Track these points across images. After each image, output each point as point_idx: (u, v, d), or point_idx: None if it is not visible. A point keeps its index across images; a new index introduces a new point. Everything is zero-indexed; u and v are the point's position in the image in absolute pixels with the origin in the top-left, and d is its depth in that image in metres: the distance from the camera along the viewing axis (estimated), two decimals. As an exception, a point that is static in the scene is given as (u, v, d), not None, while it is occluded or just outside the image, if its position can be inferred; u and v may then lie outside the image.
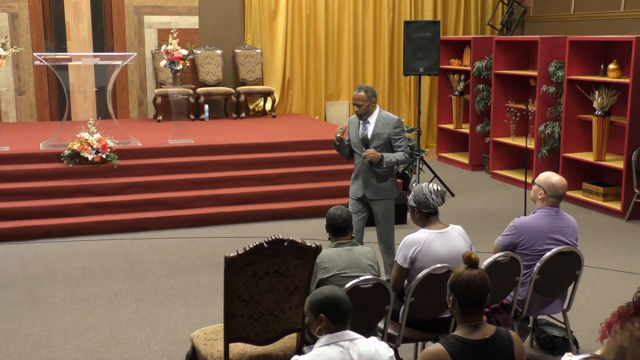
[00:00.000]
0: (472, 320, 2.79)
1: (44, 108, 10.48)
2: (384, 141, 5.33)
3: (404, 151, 5.36)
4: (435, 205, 3.98)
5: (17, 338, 4.82)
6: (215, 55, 10.93)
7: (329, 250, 3.84)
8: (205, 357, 3.66)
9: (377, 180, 5.40)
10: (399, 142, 5.35)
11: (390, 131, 5.32)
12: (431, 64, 8.84)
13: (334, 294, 2.83)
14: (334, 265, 3.76)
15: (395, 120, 5.37)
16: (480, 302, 2.78)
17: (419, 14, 11.98)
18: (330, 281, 3.71)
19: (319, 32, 11.50)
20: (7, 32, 10.03)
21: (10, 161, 7.74)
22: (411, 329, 3.93)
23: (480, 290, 2.77)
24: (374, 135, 5.33)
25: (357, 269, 3.77)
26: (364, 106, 5.32)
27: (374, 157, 5.27)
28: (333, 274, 3.74)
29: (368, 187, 5.43)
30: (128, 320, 5.10)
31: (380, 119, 5.36)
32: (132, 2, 10.63)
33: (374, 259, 3.91)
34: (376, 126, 5.35)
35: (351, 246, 3.88)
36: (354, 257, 3.82)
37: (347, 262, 3.79)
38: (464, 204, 8.46)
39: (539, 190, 4.28)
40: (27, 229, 7.04)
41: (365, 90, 5.33)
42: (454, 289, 2.80)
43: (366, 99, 5.31)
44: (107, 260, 6.44)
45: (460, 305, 2.79)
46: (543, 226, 4.16)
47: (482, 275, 2.80)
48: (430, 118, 12.16)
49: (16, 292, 5.65)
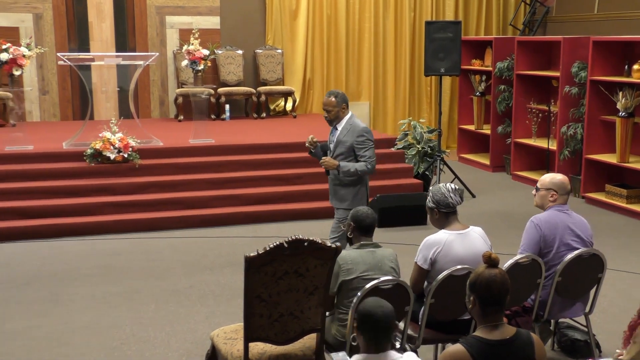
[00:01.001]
0: (492, 320, 2.77)
1: (67, 107, 10.57)
2: (346, 149, 5.17)
3: (367, 162, 5.16)
4: (454, 204, 3.95)
5: (39, 335, 4.86)
6: (236, 55, 10.96)
7: (353, 252, 3.79)
8: (225, 357, 3.67)
9: (340, 188, 5.28)
10: (363, 152, 5.16)
11: (353, 139, 5.15)
12: (452, 65, 8.80)
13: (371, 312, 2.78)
14: (357, 267, 3.71)
15: (360, 129, 5.18)
16: (500, 301, 2.76)
17: (440, 14, 11.93)
18: (352, 283, 3.68)
19: (339, 32, 11.50)
20: (32, 32, 10.14)
21: (33, 160, 7.81)
22: (431, 330, 3.91)
23: (500, 290, 2.75)
24: (337, 143, 5.20)
25: (380, 272, 3.72)
26: (333, 112, 5.21)
27: (328, 164, 5.17)
28: (355, 277, 3.70)
29: (333, 195, 5.36)
30: (148, 319, 5.13)
31: (347, 126, 5.21)
32: (154, 2, 10.70)
33: (396, 261, 3.88)
34: (341, 133, 5.22)
35: (374, 248, 3.83)
36: (377, 260, 3.78)
37: (370, 264, 3.74)
38: (485, 205, 8.40)
39: (548, 193, 4.24)
40: (49, 227, 7.10)
41: (336, 96, 5.21)
42: (474, 289, 2.78)
43: (335, 104, 5.19)
44: (127, 259, 6.48)
45: (480, 305, 2.76)
46: (560, 221, 4.13)
47: (502, 275, 2.78)
48: (451, 119, 12.11)
49: (38, 289, 5.70)
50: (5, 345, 4.70)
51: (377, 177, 8.45)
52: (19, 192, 7.39)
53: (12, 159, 7.77)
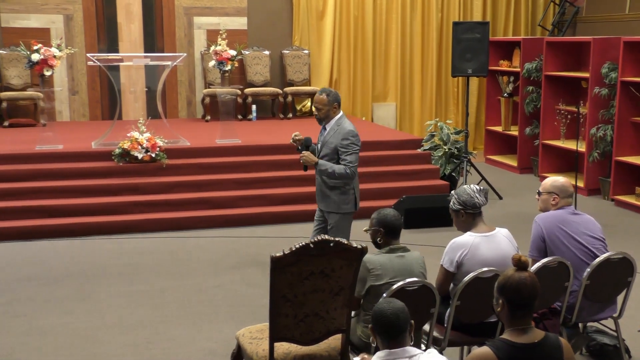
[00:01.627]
0: (521, 324, 2.74)
1: (96, 107, 10.69)
2: (330, 150, 4.97)
3: (347, 166, 4.92)
4: (480, 204, 3.92)
5: (67, 332, 4.92)
6: (263, 55, 11.00)
7: (382, 256, 3.73)
8: (251, 356, 3.68)
9: (327, 190, 5.07)
10: (344, 156, 4.93)
11: (338, 141, 4.94)
12: (479, 65, 8.74)
13: (382, 311, 2.81)
14: (386, 272, 3.66)
15: (346, 131, 4.96)
16: (529, 305, 2.73)
17: (468, 14, 11.86)
18: (381, 289, 3.62)
19: (366, 32, 11.48)
20: (62, 33, 10.27)
21: (63, 159, 7.91)
22: (457, 333, 3.88)
23: (530, 293, 2.72)
24: (323, 143, 5.02)
25: (410, 277, 3.66)
26: (323, 110, 4.99)
27: (307, 159, 4.97)
28: (384, 282, 3.64)
29: (319, 196, 5.17)
30: (174, 318, 5.16)
31: (334, 127, 5.00)
32: (182, 3, 10.78)
33: (424, 265, 3.83)
34: (328, 134, 5.02)
35: (403, 252, 3.77)
36: (407, 264, 3.73)
37: (399, 269, 3.69)
38: (511, 207, 8.33)
39: (550, 197, 4.22)
40: (78, 225, 7.18)
41: (328, 94, 4.99)
42: (503, 292, 2.75)
43: (327, 102, 4.97)
44: (154, 258, 6.53)
45: (509, 308, 2.74)
46: (562, 218, 4.11)
47: (532, 278, 2.75)
48: (478, 120, 12.03)
49: (67, 287, 5.77)
50: (34, 342, 4.76)
51: (403, 178, 8.45)
52: (49, 191, 7.49)
53: (43, 158, 7.87)
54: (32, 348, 4.68)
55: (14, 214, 7.20)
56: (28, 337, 4.84)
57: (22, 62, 9.65)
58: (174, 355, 4.61)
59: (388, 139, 9.12)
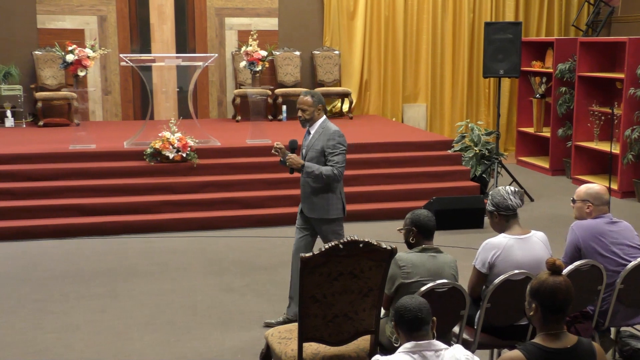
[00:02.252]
0: (553, 328, 2.70)
1: (129, 107, 10.81)
2: (317, 153, 4.77)
3: (335, 167, 4.74)
4: (514, 207, 3.88)
5: (99, 329, 4.98)
6: (293, 56, 11.03)
7: (413, 255, 3.72)
8: (279, 356, 3.69)
9: (312, 195, 4.86)
10: (331, 157, 4.75)
11: (325, 143, 4.76)
12: (511, 66, 8.66)
13: (404, 305, 2.83)
14: (416, 271, 3.65)
15: (332, 132, 4.78)
16: (563, 309, 2.69)
17: (500, 15, 11.76)
18: (411, 287, 3.61)
19: (397, 33, 11.44)
20: (96, 34, 10.40)
21: (95, 158, 8.00)
22: (487, 335, 3.85)
23: (565, 298, 2.68)
24: (309, 147, 4.82)
25: (439, 278, 3.64)
26: (308, 112, 4.81)
27: (292, 162, 4.76)
28: (414, 281, 3.63)
29: (305, 202, 4.93)
30: (203, 317, 5.20)
31: (319, 129, 4.82)
32: (213, 4, 10.85)
33: (456, 268, 3.81)
34: (313, 137, 4.83)
35: (435, 253, 3.76)
36: (438, 265, 3.71)
37: (430, 269, 3.67)
38: (544, 209, 8.24)
39: (584, 205, 4.14)
40: (109, 224, 7.27)
41: (312, 95, 4.84)
42: (536, 296, 2.71)
43: (312, 104, 4.81)
44: (184, 257, 6.58)
45: (542, 313, 2.70)
46: (599, 228, 4.02)
47: (567, 283, 2.71)
48: (509, 121, 11.92)
49: (98, 285, 5.84)
50: (67, 338, 4.83)
51: (433, 179, 8.41)
52: (82, 190, 7.59)
53: (76, 157, 7.98)
54: (65, 344, 4.74)
55: (48, 213, 7.30)
56: (61, 333, 4.91)
57: (57, 63, 9.80)
58: (203, 354, 4.64)
59: (418, 140, 9.08)
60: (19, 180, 7.58)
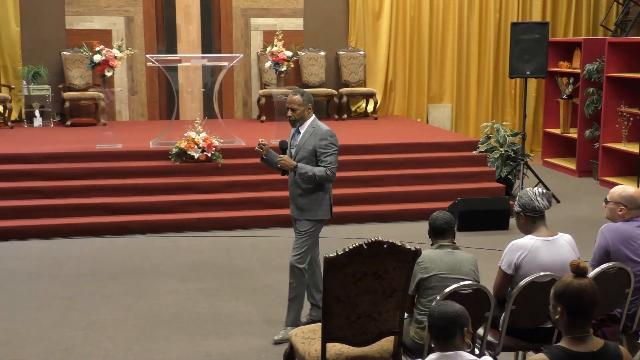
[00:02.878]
0: (579, 332, 2.67)
1: (154, 107, 10.90)
2: (308, 153, 4.69)
3: (328, 167, 4.66)
4: (541, 208, 3.84)
5: (125, 327, 5.02)
6: (318, 56, 11.03)
7: (431, 251, 3.79)
8: (303, 356, 3.69)
9: (301, 196, 4.78)
10: (324, 157, 4.67)
11: (316, 143, 4.68)
12: (538, 67, 8.59)
13: (431, 313, 2.83)
14: (434, 266, 3.70)
15: (324, 132, 4.71)
16: (589, 313, 2.66)
17: (527, 15, 11.66)
18: (429, 282, 3.68)
19: (422, 33, 11.40)
20: (123, 34, 10.49)
21: (121, 158, 8.08)
22: (511, 338, 3.82)
23: (591, 301, 2.65)
24: (299, 147, 4.72)
25: (458, 273, 3.70)
26: (298, 111, 4.72)
27: (285, 163, 4.67)
28: (433, 274, 3.69)
29: (293, 204, 4.85)
30: (228, 316, 5.22)
31: (309, 129, 4.74)
32: (239, 5, 10.90)
33: (476, 265, 3.82)
34: (303, 137, 4.74)
35: (453, 249, 3.81)
36: (456, 261, 3.75)
37: (447, 264, 3.72)
38: (570, 211, 8.16)
39: (617, 207, 4.06)
40: (135, 223, 7.33)
41: (302, 94, 4.76)
42: (562, 299, 2.68)
43: (302, 102, 4.73)
44: (209, 256, 6.62)
45: (568, 316, 2.67)
46: (631, 231, 3.95)
47: (592, 285, 2.68)
48: (535, 122, 11.82)
49: (124, 283, 5.90)
50: (94, 336, 4.88)
51: (458, 180, 8.36)
52: (108, 189, 7.66)
53: (102, 156, 8.06)
54: (92, 342, 4.80)
55: (75, 211, 7.38)
56: (88, 330, 4.96)
57: (84, 63, 9.91)
58: (228, 353, 4.66)
59: (443, 141, 9.04)
60: (46, 179, 7.68)
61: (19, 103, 10.39)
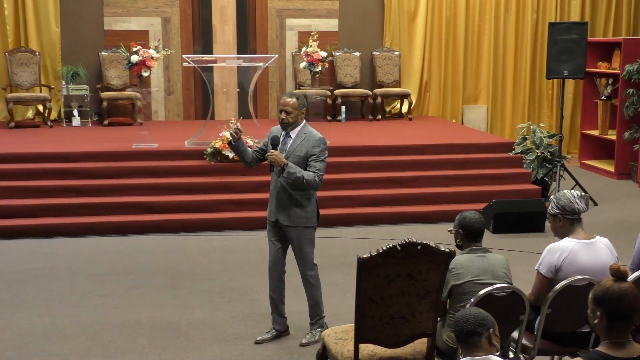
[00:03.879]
0: (619, 337, 2.62)
1: (190, 107, 10.99)
2: (299, 159, 4.56)
3: (316, 173, 4.53)
4: (580, 210, 3.78)
5: (159, 325, 5.08)
6: (353, 57, 11.03)
7: (462, 256, 3.72)
8: (335, 356, 3.70)
9: (292, 203, 4.63)
10: (315, 162, 4.55)
11: (309, 149, 4.56)
12: (576, 67, 8.46)
13: (459, 316, 2.81)
14: (467, 271, 3.64)
15: (318, 138, 4.59)
16: (630, 317, 2.61)
17: (565, 15, 11.51)
18: (462, 288, 3.62)
19: (458, 34, 11.33)
20: (160, 35, 10.61)
21: (157, 157, 8.16)
22: (547, 342, 3.78)
23: (632, 305, 2.60)
24: (289, 152, 4.57)
25: (491, 277, 3.64)
26: (293, 114, 4.55)
27: (276, 159, 4.50)
28: (466, 281, 3.63)
29: (282, 211, 4.67)
30: (261, 316, 5.24)
31: (301, 134, 4.61)
32: (275, 5, 10.94)
33: (508, 267, 3.77)
34: (294, 142, 4.60)
35: (484, 253, 3.75)
36: (488, 264, 3.69)
37: (480, 268, 3.66)
38: (608, 214, 8.03)
39: None
40: (170, 222, 7.40)
41: (297, 98, 4.60)
42: (601, 303, 2.63)
43: (297, 106, 4.56)
44: (243, 255, 6.65)
45: (607, 320, 2.61)
46: None
47: (633, 289, 2.62)
48: (573, 123, 11.67)
49: (159, 281, 5.96)
50: (127, 333, 4.94)
51: (493, 181, 8.29)
52: (144, 188, 7.75)
53: (139, 156, 8.15)
54: (127, 338, 4.86)
55: (111, 210, 7.49)
56: (124, 327, 5.03)
57: (122, 64, 10.04)
58: (261, 352, 4.68)
59: (478, 142, 8.98)
60: (84, 177, 7.80)
61: (58, 103, 10.57)
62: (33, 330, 4.97)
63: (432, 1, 11.21)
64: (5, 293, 5.66)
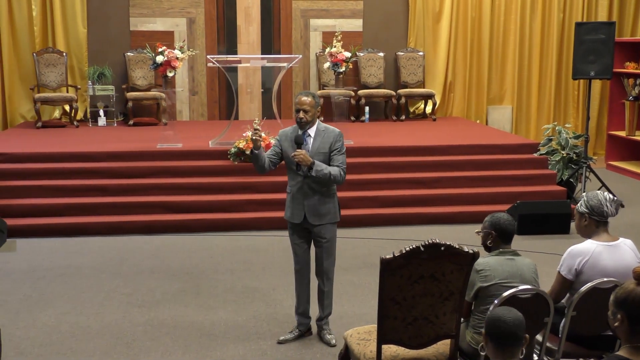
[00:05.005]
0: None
1: (214, 108, 11.05)
2: (324, 157, 4.58)
3: (341, 167, 4.59)
4: (608, 214, 3.74)
5: (183, 324, 5.11)
6: (377, 57, 11.01)
7: (491, 258, 3.68)
8: (358, 357, 3.69)
9: (320, 202, 4.68)
10: (338, 156, 4.60)
11: (332, 144, 4.60)
12: (603, 68, 8.37)
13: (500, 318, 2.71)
14: (495, 274, 3.60)
15: (336, 133, 4.63)
16: (652, 321, 2.58)
17: (593, 14, 11.39)
18: (490, 290, 3.58)
19: (483, 34, 11.26)
20: (185, 36, 10.68)
21: (182, 157, 8.22)
22: (572, 344, 3.74)
23: (655, 309, 2.57)
24: (313, 150, 4.59)
25: (520, 280, 3.59)
26: (311, 113, 4.57)
27: (303, 159, 4.50)
28: (494, 283, 3.59)
29: (312, 211, 4.69)
30: (284, 315, 5.25)
31: (319, 132, 4.63)
32: (299, 6, 10.96)
33: (536, 271, 3.73)
34: (315, 140, 4.61)
35: (513, 256, 3.70)
36: (517, 267, 3.65)
37: (509, 271, 3.62)
38: (635, 216, 7.94)
39: None
40: (194, 221, 7.45)
41: (313, 96, 4.63)
42: (623, 306, 2.60)
43: (314, 105, 4.59)
44: (266, 255, 6.67)
45: (629, 324, 2.59)
46: None
47: (656, 293, 2.60)
48: (599, 124, 11.54)
49: (183, 281, 6.00)
50: (151, 332, 4.98)
51: (518, 182, 8.23)
52: (168, 188, 7.80)
53: (163, 155, 8.21)
54: (151, 337, 4.90)
55: (136, 209, 7.55)
56: (147, 326, 5.07)
57: (147, 64, 10.13)
58: (284, 352, 4.69)
59: (503, 143, 8.91)
60: (109, 177, 7.87)
61: (85, 103, 10.68)
62: (59, 328, 5.03)
63: (457, 1, 11.15)
64: (32, 291, 5.74)
